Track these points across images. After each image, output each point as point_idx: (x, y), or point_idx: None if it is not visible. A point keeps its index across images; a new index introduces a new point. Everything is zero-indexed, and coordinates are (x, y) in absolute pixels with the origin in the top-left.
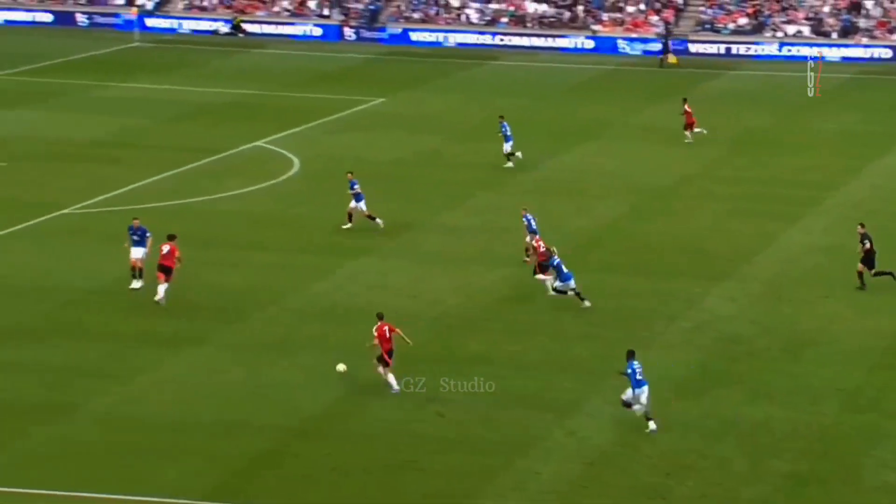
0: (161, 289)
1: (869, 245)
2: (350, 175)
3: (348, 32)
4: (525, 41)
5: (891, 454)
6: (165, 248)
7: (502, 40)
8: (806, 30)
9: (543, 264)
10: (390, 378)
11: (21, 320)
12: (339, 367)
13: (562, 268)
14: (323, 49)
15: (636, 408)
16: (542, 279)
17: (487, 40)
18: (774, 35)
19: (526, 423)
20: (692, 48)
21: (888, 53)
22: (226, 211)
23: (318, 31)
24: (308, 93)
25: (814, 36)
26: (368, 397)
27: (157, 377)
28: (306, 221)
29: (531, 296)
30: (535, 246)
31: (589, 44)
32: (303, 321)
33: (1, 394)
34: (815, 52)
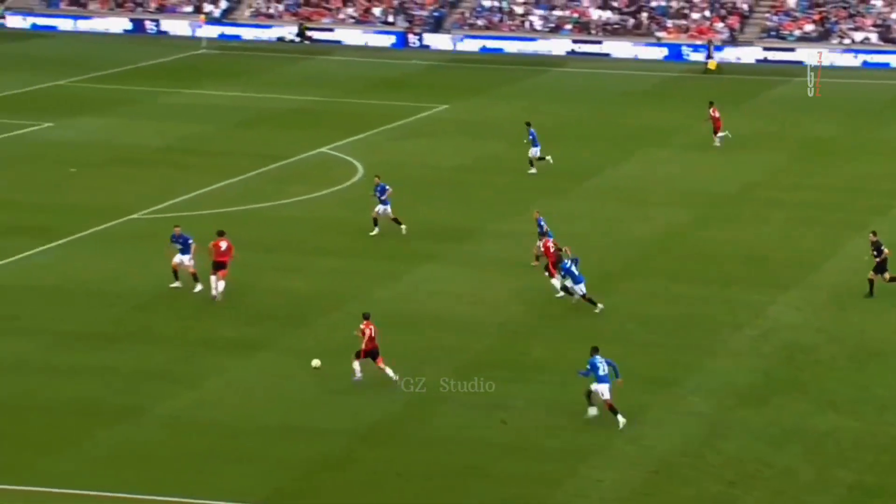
0: (220, 285)
1: (885, 254)
2: (377, 179)
3: (412, 39)
4: (589, 48)
5: None
6: (224, 245)
7: (566, 47)
8: (874, 36)
9: (555, 265)
10: (356, 365)
11: (91, 324)
12: (314, 363)
13: (573, 271)
14: (387, 55)
15: (593, 409)
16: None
17: (551, 47)
18: (841, 42)
19: (588, 431)
20: (757, 55)
21: None
22: (290, 217)
23: (383, 38)
24: (372, 99)
25: (881, 43)
26: (432, 403)
27: (224, 381)
28: (370, 227)
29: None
30: (545, 248)
31: (653, 51)
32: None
33: (71, 397)
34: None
